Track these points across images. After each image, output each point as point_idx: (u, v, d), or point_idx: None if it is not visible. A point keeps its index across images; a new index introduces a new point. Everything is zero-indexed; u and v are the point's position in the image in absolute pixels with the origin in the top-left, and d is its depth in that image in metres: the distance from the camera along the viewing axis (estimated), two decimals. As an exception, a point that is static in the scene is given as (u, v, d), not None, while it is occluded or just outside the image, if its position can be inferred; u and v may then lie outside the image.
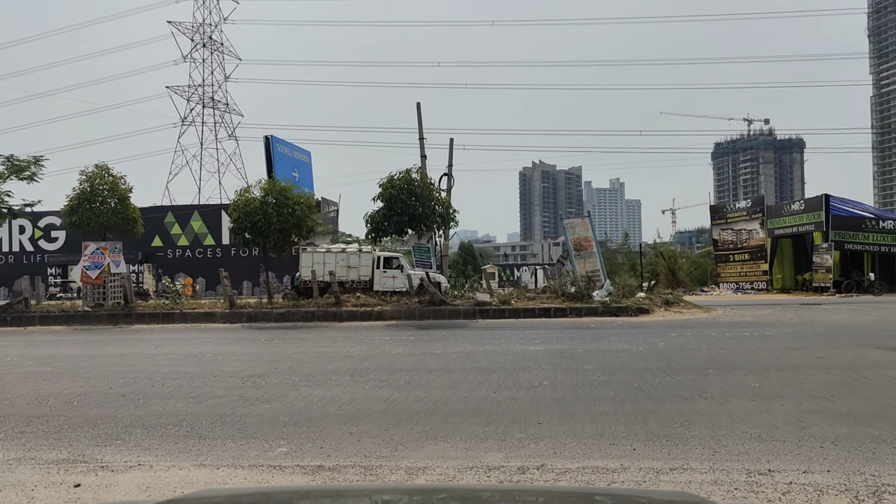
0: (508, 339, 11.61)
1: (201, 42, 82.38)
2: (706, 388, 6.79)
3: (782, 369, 7.87)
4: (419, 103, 28.58)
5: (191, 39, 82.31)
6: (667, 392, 6.69)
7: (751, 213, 33.94)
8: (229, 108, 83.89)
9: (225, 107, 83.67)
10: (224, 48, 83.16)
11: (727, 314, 14.93)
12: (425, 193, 15.37)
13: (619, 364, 8.47)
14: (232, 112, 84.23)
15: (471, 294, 15.55)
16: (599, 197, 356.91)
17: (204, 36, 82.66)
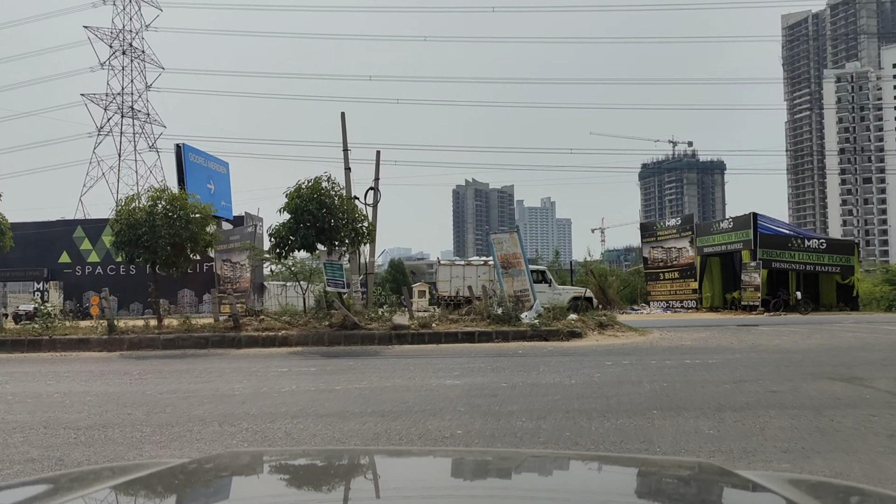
0: (424, 370, 10.11)
1: (121, 49, 78.70)
2: (654, 439, 5.48)
3: (738, 410, 6.65)
4: (343, 113, 27.10)
5: (109, 46, 78.54)
6: (608, 445, 5.35)
7: (680, 231, 33.69)
8: (150, 118, 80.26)
9: (146, 117, 80.00)
10: (145, 56, 79.64)
11: (664, 337, 13.86)
12: (337, 204, 13.76)
13: (549, 404, 7.10)
14: (153, 122, 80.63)
15: (388, 317, 13.99)
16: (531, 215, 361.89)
17: (124, 43, 78.97)
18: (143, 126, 79.30)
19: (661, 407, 6.86)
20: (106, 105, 77.13)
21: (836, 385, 7.99)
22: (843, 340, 12.53)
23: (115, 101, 77.03)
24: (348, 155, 26.59)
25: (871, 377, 8.41)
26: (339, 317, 13.77)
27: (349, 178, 26.18)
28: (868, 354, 10.47)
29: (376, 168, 27.44)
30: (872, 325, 16.95)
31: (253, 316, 14.47)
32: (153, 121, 79.81)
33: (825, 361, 9.81)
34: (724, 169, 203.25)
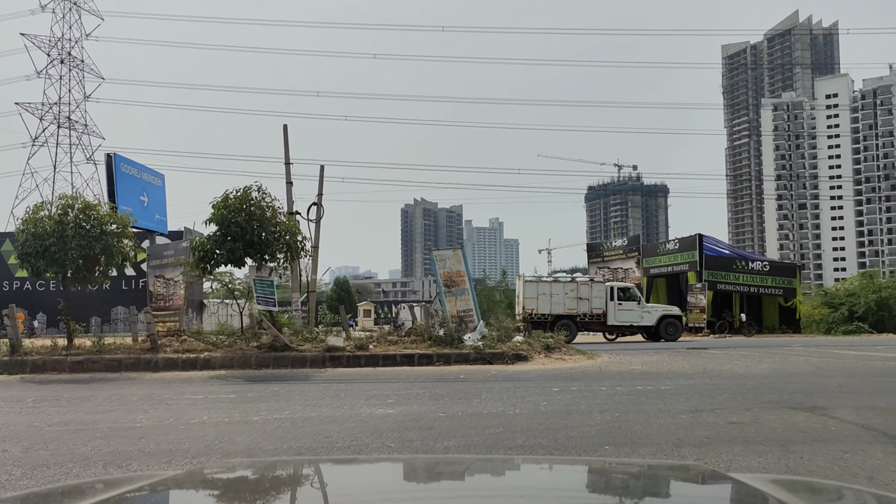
0: (356, 396, 9.19)
1: (59, 58, 75.91)
2: (609, 484, 4.68)
3: (698, 445, 5.97)
4: (285, 126, 26.17)
5: (47, 54, 75.73)
6: (556, 493, 4.52)
7: (627, 251, 33.60)
8: (88, 129, 77.41)
9: (83, 128, 77.13)
10: (85, 65, 76.95)
11: (613, 361, 13.25)
12: (269, 216, 12.77)
13: (490, 439, 6.29)
14: (91, 133, 77.80)
15: (322, 338, 13.03)
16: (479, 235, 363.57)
17: (62, 51, 76.22)
18: (81, 137, 76.49)
19: (614, 442, 6.13)
20: (42, 115, 74.12)
21: (799, 415, 7.42)
22: (796, 365, 12.13)
23: (51, 111, 74.10)
24: (290, 169, 25.60)
25: (832, 406, 7.88)
26: (269, 337, 12.73)
27: (291, 192, 25.18)
28: (824, 380, 10.01)
29: (320, 183, 26.49)
30: (821, 348, 16.76)
31: (174, 336, 13.29)
32: (91, 132, 77.03)
33: (782, 388, 9.28)
34: (667, 192, 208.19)
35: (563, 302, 21.36)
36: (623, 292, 22.01)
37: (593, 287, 21.85)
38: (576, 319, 21.05)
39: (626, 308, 21.65)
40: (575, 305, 21.49)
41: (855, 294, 33.18)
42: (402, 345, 13.21)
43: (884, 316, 31.83)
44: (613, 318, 21.46)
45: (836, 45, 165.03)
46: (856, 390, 9.03)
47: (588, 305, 21.65)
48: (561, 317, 20.73)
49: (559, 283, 21.70)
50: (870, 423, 6.98)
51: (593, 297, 21.53)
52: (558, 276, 22.94)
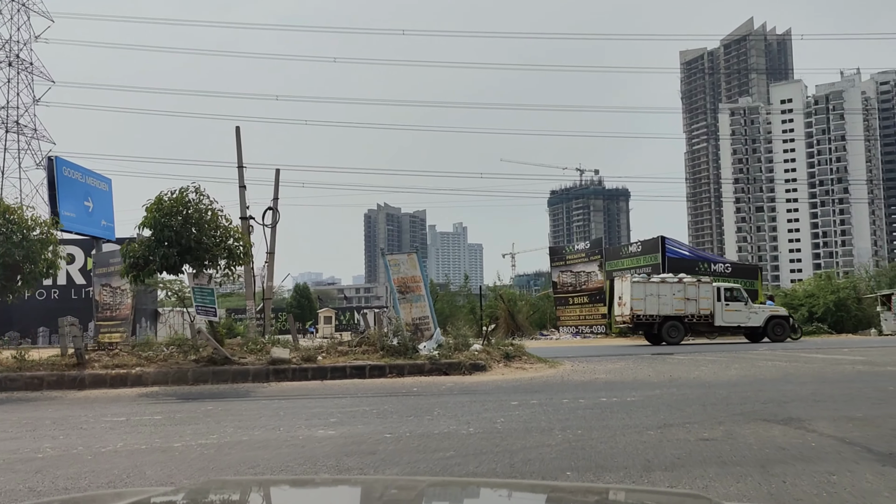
0: (296, 415, 8.37)
1: (6, 60, 73.32)
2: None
3: (669, 468, 5.32)
4: (238, 128, 25.21)
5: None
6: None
7: (589, 254, 33.22)
8: (38, 133, 74.87)
9: (32, 132, 74.56)
10: (34, 68, 74.42)
11: (576, 369, 12.63)
12: (208, 220, 11.87)
13: (439, 465, 5.57)
14: (41, 138, 75.29)
15: (268, 349, 12.16)
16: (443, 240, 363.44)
17: (10, 54, 73.67)
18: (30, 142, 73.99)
19: (577, 466, 5.45)
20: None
21: (775, 429, 6.84)
22: (764, 371, 11.66)
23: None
24: (243, 172, 24.62)
25: (808, 417, 7.33)
26: (209, 350, 11.81)
27: (244, 196, 24.21)
28: (795, 388, 9.51)
29: (275, 188, 25.56)
30: (788, 352, 16.40)
31: (104, 350, 12.27)
32: (41, 136, 74.56)
33: (753, 397, 8.74)
34: (628, 196, 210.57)
35: (670, 303, 20.97)
36: (730, 293, 21.67)
37: (700, 287, 21.44)
38: (683, 321, 20.64)
39: (733, 309, 21.39)
40: (682, 306, 21.08)
41: (814, 295, 33.37)
42: (353, 355, 12.39)
43: (842, 316, 32.01)
44: (721, 318, 21.14)
45: (789, 51, 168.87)
46: (829, 398, 8.53)
47: (695, 306, 21.28)
48: (669, 318, 20.30)
49: (666, 284, 21.25)
50: (850, 436, 6.44)
51: (700, 297, 21.18)
52: (665, 277, 22.39)
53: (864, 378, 10.39)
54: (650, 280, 22.12)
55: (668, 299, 20.81)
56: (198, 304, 12.47)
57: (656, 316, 20.92)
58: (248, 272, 24.16)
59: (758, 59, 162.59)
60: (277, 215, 25.24)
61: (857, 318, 32.26)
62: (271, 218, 24.88)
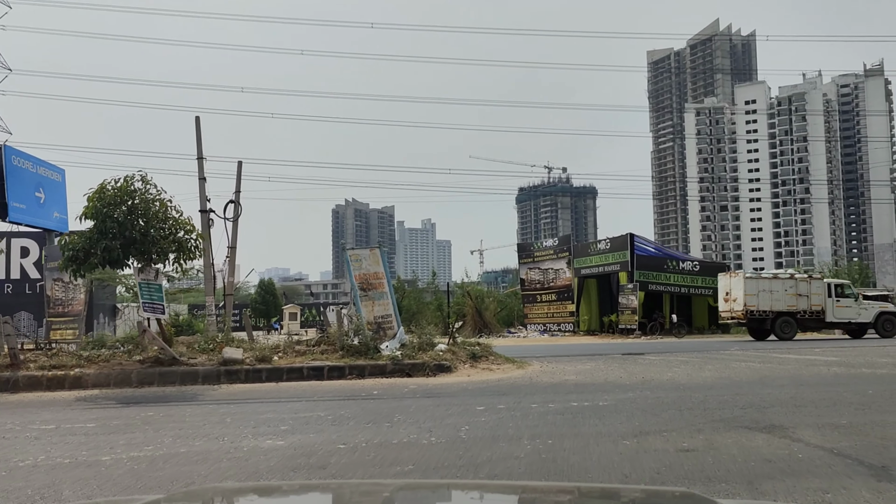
0: (244, 422, 7.71)
1: (-40, 48, 70.74)
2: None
3: (649, 484, 4.82)
4: (198, 118, 24.27)
5: (-55, 44, 70.58)
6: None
7: (557, 252, 32.90)
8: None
9: (-14, 121, 71.96)
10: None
11: (545, 370, 12.13)
12: (155, 211, 11.10)
13: (396, 479, 4.98)
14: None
15: (221, 348, 11.44)
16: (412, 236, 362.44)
17: (-37, 41, 71.17)
18: (-17, 132, 71.43)
19: (547, 481, 4.91)
20: (-58, 109, 68.91)
21: (758, 437, 6.39)
22: (739, 372, 11.29)
23: (-51, 104, 68.99)
24: (203, 164, 23.76)
25: (791, 424, 6.91)
26: (155, 350, 11.05)
27: (204, 188, 23.31)
28: (773, 391, 9.13)
29: (237, 180, 24.72)
30: (760, 352, 16.14)
31: (41, 350, 11.42)
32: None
33: (731, 402, 8.31)
34: (596, 194, 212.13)
35: (783, 299, 20.95)
36: (840, 289, 21.63)
37: (812, 284, 21.52)
38: (795, 316, 20.53)
39: (844, 305, 21.46)
40: (794, 302, 21.08)
41: (779, 293, 33.45)
42: (311, 355, 11.73)
43: (807, 315, 32.13)
44: (832, 315, 21.15)
45: (753, 52, 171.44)
46: (810, 403, 8.15)
47: (807, 302, 21.36)
48: (781, 314, 20.18)
49: (779, 280, 21.26)
50: (839, 446, 6.01)
51: (812, 293, 21.25)
52: (777, 273, 22.40)
53: (842, 381, 10.07)
54: (762, 276, 22.30)
55: (780, 295, 21.03)
56: (144, 301, 11.68)
57: (769, 312, 21.09)
58: (208, 267, 23.30)
59: (723, 60, 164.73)
60: (239, 208, 24.42)
61: (821, 316, 32.41)
62: (233, 211, 24.06)
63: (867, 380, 10.19)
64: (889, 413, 7.49)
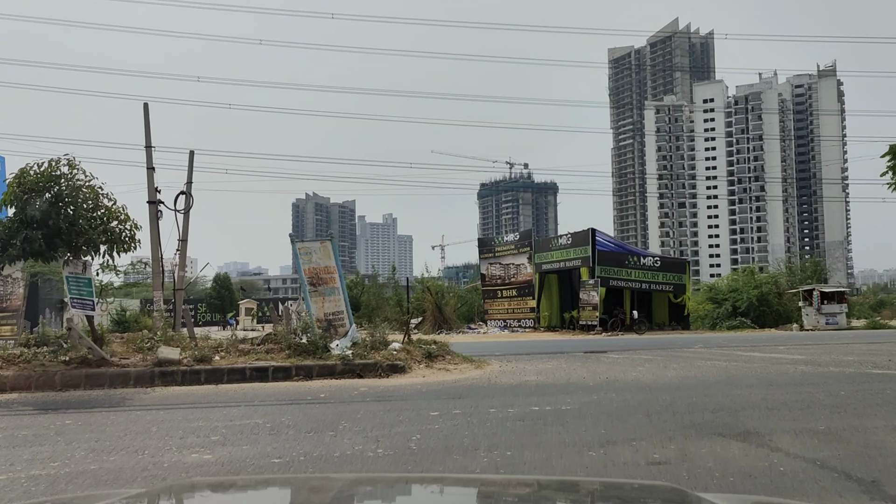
0: (171, 431, 6.92)
1: None
2: None
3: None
4: (146, 104, 23.08)
5: None
6: None
7: (519, 247, 32.43)
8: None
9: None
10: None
11: (504, 370, 11.54)
12: (85, 198, 10.19)
13: None
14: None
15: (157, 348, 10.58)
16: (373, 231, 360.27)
17: None
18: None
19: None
20: None
21: (733, 446, 5.87)
22: (705, 371, 10.86)
23: None
24: (152, 153, 22.65)
25: (767, 431, 6.42)
26: (83, 350, 10.14)
27: (152, 178, 22.19)
28: (743, 392, 8.68)
29: (189, 171, 23.67)
30: (724, 349, 15.82)
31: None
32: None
33: (700, 404, 7.82)
34: (556, 190, 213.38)
35: None
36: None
37: None
38: None
39: None
40: None
41: (737, 290, 33.60)
42: (255, 355, 10.93)
43: (764, 311, 32.33)
44: None
45: (712, 52, 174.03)
46: (783, 405, 7.70)
47: None
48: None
49: None
50: (821, 456, 5.52)
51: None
52: None
53: (811, 381, 9.69)
54: None
55: None
56: (73, 297, 10.74)
57: None
58: (156, 261, 22.24)
59: (682, 59, 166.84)
60: (191, 200, 23.33)
61: (778, 312, 32.66)
62: (184, 202, 22.97)
63: (836, 379, 9.83)
64: (866, 417, 7.07)
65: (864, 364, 11.73)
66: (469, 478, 3.72)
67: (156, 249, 20.90)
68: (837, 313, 28.76)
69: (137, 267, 28.02)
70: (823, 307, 28.58)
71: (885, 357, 12.91)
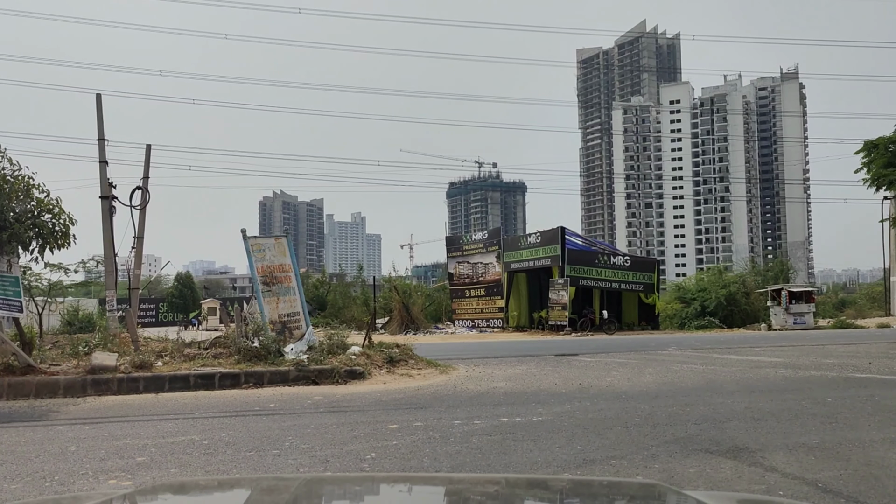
0: (92, 452, 6.09)
1: None
2: None
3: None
4: (99, 95, 21.88)
5: None
6: None
7: (487, 245, 31.81)
8: None
9: None
10: None
11: (471, 376, 10.84)
12: (13, 189, 9.26)
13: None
14: None
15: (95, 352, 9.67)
16: (341, 230, 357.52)
17: None
18: None
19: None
20: None
21: (724, 465, 5.25)
22: (683, 377, 10.29)
23: None
24: (105, 146, 21.53)
25: (758, 446, 5.82)
26: (7, 356, 9.20)
27: (105, 172, 21.08)
28: (725, 401, 8.10)
29: (146, 165, 22.59)
30: (698, 351, 15.32)
31: None
32: None
33: (682, 415, 7.21)
34: (525, 189, 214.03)
35: None
36: None
37: None
38: None
39: None
40: None
41: (705, 289, 33.43)
42: (202, 360, 10.07)
43: (732, 311, 32.20)
44: None
45: (678, 54, 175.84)
46: (770, 415, 7.13)
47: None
48: None
49: None
50: (821, 477, 4.93)
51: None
52: None
53: (795, 386, 9.17)
54: None
55: None
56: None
57: None
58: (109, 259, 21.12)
59: (649, 61, 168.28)
60: (147, 196, 22.26)
61: (745, 312, 32.55)
62: (140, 198, 21.89)
63: (820, 384, 9.33)
64: (860, 428, 6.53)
65: (845, 367, 11.30)
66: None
67: (108, 247, 19.84)
68: (805, 313, 28.68)
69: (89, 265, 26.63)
70: (791, 307, 28.46)
71: (864, 360, 12.51)
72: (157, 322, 52.50)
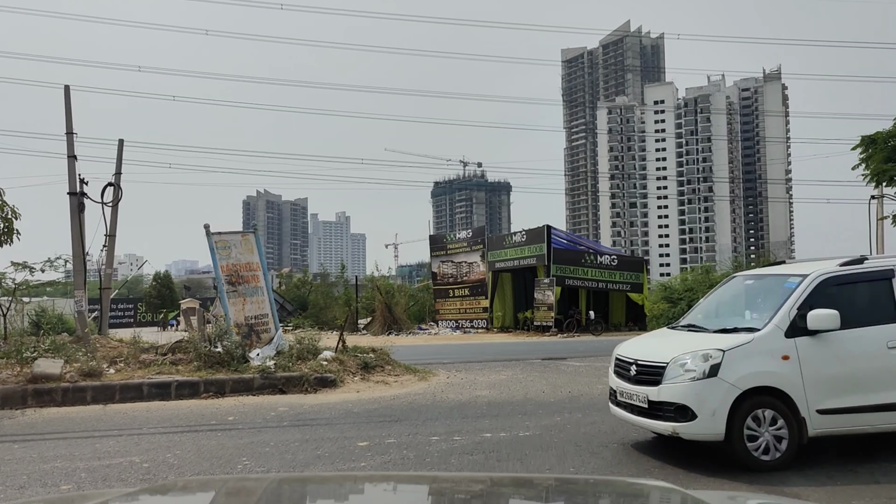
0: (13, 476, 5.26)
1: None
2: None
3: None
4: (67, 87, 20.95)
5: None
6: None
7: (472, 244, 31.04)
8: None
9: None
10: None
11: (451, 382, 10.07)
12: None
13: None
14: None
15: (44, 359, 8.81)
16: (326, 229, 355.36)
17: None
18: None
19: None
20: None
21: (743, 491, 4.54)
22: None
23: None
24: (73, 139, 20.59)
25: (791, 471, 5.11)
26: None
27: (74, 167, 20.14)
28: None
29: (118, 160, 21.69)
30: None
31: None
32: None
33: (685, 428, 6.47)
34: (510, 189, 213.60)
35: None
36: None
37: None
38: None
39: None
40: None
41: (692, 289, 32.89)
42: (158, 367, 9.23)
43: (720, 311, 31.67)
44: None
45: (662, 54, 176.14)
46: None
47: None
48: None
49: None
50: None
51: None
52: None
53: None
54: None
55: None
56: (-67, 299, 8.89)
57: None
58: (77, 257, 20.13)
59: (633, 61, 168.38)
60: (119, 192, 21.33)
61: (733, 311, 32.04)
62: (112, 195, 20.94)
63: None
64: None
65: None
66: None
67: (77, 245, 18.92)
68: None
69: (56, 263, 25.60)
70: (780, 307, 27.96)
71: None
72: (136, 323, 51.27)
